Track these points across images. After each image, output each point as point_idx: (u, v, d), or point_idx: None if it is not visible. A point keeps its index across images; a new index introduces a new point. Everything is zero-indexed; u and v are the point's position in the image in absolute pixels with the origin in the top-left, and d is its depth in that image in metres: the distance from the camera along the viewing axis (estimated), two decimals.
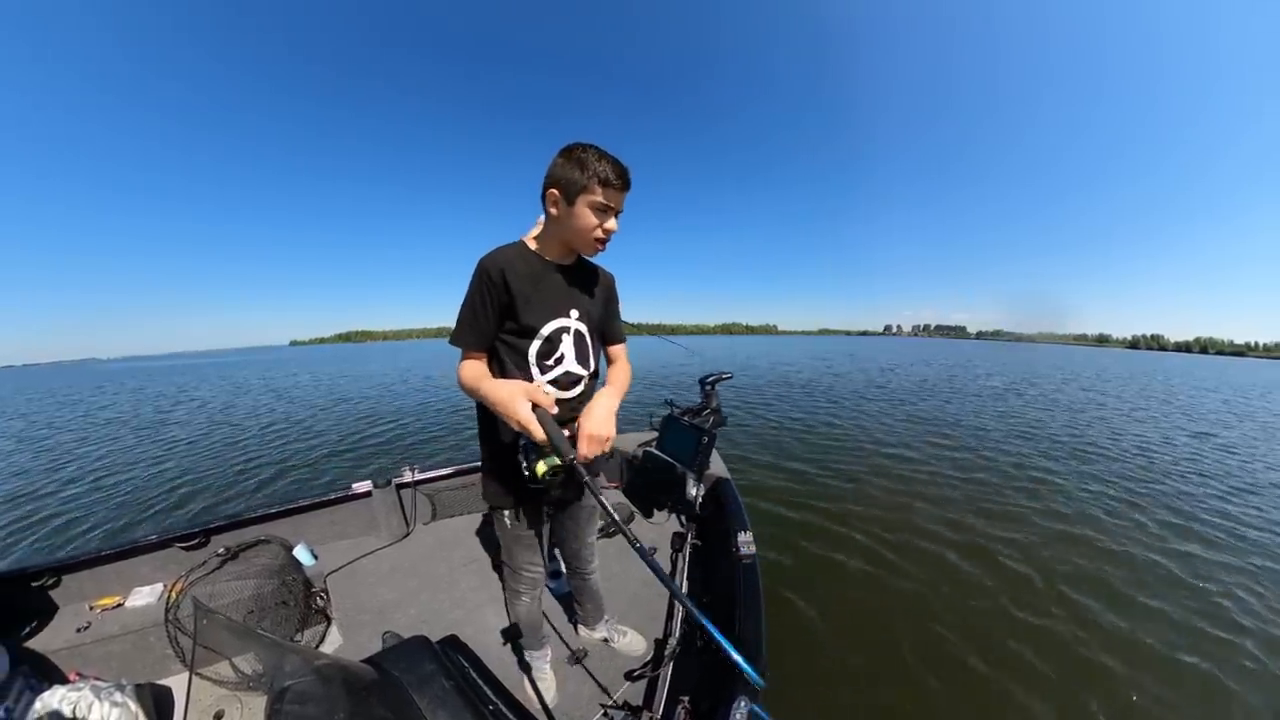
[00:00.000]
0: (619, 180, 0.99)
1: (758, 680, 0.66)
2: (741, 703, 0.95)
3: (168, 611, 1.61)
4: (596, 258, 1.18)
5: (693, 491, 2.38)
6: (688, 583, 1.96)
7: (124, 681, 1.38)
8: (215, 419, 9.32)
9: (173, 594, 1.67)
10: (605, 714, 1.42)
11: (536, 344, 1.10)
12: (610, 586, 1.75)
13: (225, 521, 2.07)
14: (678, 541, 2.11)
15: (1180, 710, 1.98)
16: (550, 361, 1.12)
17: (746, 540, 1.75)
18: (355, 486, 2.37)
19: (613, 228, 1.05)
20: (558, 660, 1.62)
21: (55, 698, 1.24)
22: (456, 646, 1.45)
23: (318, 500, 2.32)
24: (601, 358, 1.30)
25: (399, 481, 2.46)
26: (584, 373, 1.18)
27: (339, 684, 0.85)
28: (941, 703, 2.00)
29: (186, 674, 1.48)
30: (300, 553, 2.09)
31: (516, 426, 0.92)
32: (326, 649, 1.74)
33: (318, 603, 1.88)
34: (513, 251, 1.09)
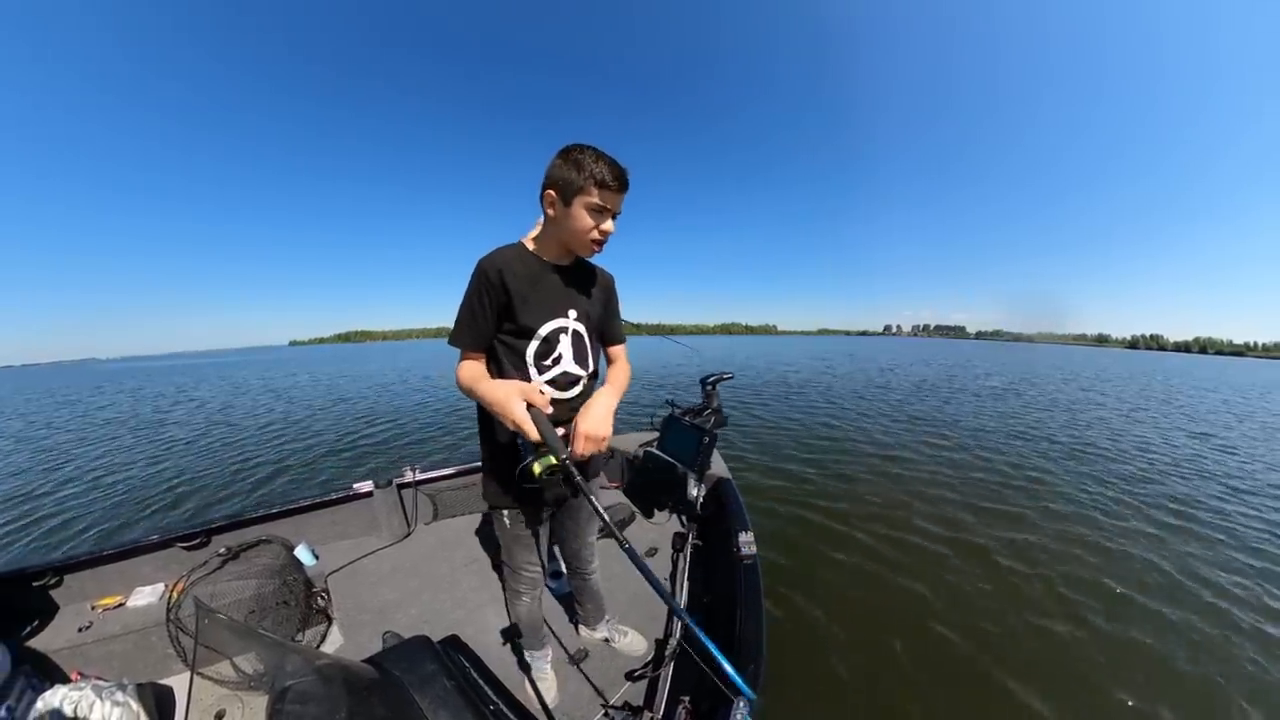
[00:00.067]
0: (615, 182, 0.99)
1: (749, 693, 0.65)
2: (742, 703, 0.95)
3: (169, 611, 1.61)
4: (594, 259, 1.18)
5: (694, 491, 2.38)
6: (689, 583, 1.96)
7: (125, 681, 1.39)
8: (213, 419, 9.32)
9: (174, 594, 1.67)
10: (606, 714, 1.42)
11: (534, 344, 1.10)
12: (611, 586, 1.75)
13: (226, 521, 2.07)
14: (679, 541, 2.11)
15: (1178, 713, 1.98)
16: (548, 362, 1.12)
17: (747, 540, 1.75)
18: (357, 486, 2.37)
19: (609, 229, 1.05)
20: (558, 660, 1.62)
21: (57, 697, 1.24)
22: (457, 646, 1.46)
23: (319, 500, 2.32)
24: (601, 358, 1.30)
25: (400, 481, 2.46)
26: (582, 373, 1.18)
27: (340, 684, 0.85)
28: (942, 702, 2.00)
29: (188, 673, 1.48)
30: (301, 553, 2.09)
31: (512, 426, 0.93)
32: (327, 649, 1.75)
33: (319, 603, 1.89)
34: (511, 252, 1.09)
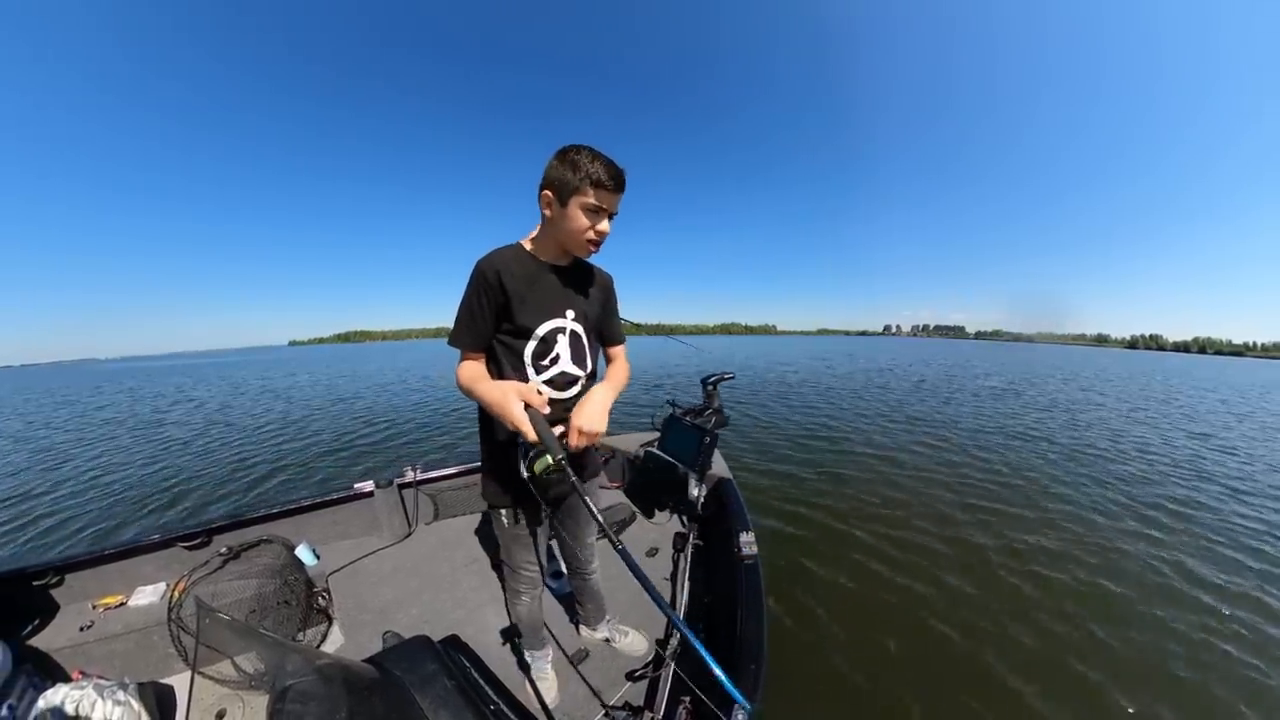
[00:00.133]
0: (611, 182, 0.99)
1: (743, 702, 0.64)
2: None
3: (170, 610, 1.61)
4: (590, 259, 1.18)
5: (695, 491, 2.38)
6: (690, 583, 1.96)
7: (127, 680, 1.39)
8: (212, 419, 9.32)
9: (175, 593, 1.67)
10: (606, 714, 1.42)
11: (532, 344, 1.10)
12: (611, 586, 1.75)
13: (228, 521, 2.08)
14: (680, 542, 2.11)
15: (1178, 713, 1.98)
16: (546, 362, 1.13)
17: (748, 540, 1.75)
18: (357, 486, 2.38)
19: (605, 229, 1.05)
20: (559, 660, 1.62)
21: (58, 696, 1.24)
22: (458, 646, 1.46)
23: (320, 500, 2.32)
24: (600, 358, 1.30)
25: (401, 481, 2.46)
26: (580, 373, 1.18)
27: (340, 683, 0.85)
28: (942, 702, 2.00)
29: (189, 673, 1.49)
30: (302, 552, 2.09)
31: (510, 426, 0.94)
32: (328, 648, 1.75)
33: (319, 602, 1.89)
34: (509, 253, 1.09)
